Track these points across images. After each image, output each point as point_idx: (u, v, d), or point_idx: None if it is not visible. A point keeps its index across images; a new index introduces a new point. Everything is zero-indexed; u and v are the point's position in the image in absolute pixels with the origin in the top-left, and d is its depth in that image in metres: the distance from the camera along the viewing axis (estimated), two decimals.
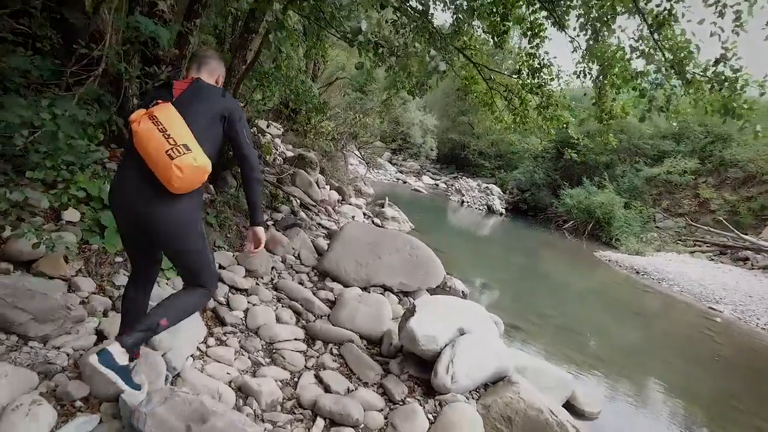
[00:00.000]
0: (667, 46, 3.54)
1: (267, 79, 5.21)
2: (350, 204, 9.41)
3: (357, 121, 12.26)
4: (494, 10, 5.38)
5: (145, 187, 1.77)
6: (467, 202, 19.80)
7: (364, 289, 4.72)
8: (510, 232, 16.61)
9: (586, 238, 17.24)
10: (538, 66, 5.77)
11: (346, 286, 4.64)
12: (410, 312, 3.30)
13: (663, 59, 3.51)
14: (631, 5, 3.72)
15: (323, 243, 5.61)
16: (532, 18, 5.43)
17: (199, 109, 1.87)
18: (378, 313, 3.84)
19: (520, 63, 5.94)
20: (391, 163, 25.00)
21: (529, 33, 5.58)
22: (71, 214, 3.27)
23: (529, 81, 5.90)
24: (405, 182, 21.95)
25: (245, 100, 5.71)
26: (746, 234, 15.77)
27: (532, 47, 5.67)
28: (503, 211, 19.89)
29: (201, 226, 1.98)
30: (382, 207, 10.11)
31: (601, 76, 4.87)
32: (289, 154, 9.00)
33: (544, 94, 5.89)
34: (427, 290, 5.06)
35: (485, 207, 19.67)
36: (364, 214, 9.59)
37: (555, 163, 21.48)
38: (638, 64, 6.99)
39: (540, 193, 21.08)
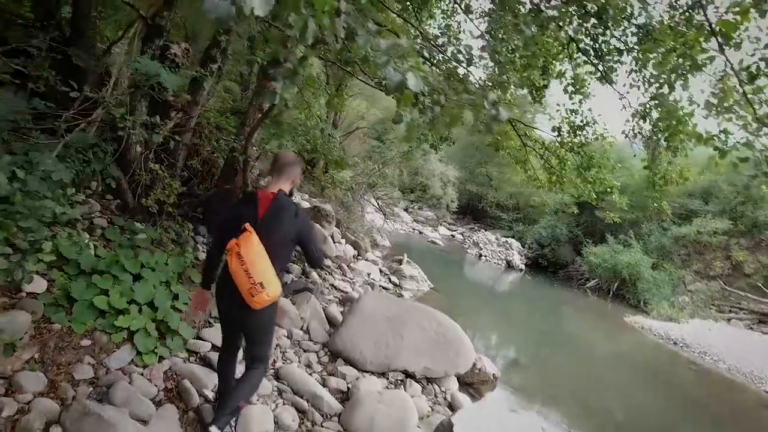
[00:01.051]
0: (758, 99, 3.00)
1: (283, 128, 4.79)
2: (366, 260, 8.78)
3: (376, 171, 11.87)
4: (531, 63, 4.94)
5: (237, 297, 2.24)
6: (485, 255, 19.02)
7: (383, 374, 4.00)
8: (532, 290, 15.71)
9: (611, 299, 16.23)
10: (580, 124, 5.27)
11: (361, 370, 3.94)
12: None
13: (754, 114, 2.97)
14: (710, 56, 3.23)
15: (336, 312, 4.95)
16: (574, 72, 4.99)
17: (278, 236, 2.31)
18: (402, 417, 3.13)
19: (560, 120, 5.46)
20: (406, 211, 24.53)
21: (570, 88, 5.12)
22: (36, 284, 2.70)
23: (569, 139, 5.39)
24: (421, 233, 21.34)
25: (259, 150, 5.26)
26: None
27: (573, 103, 5.21)
28: (523, 266, 19.03)
29: (272, 326, 2.65)
30: (400, 264, 9.45)
31: (659, 136, 4.31)
32: (305, 205, 8.50)
33: (586, 154, 5.35)
34: (455, 376, 4.31)
35: (504, 262, 18.84)
36: (381, 271, 8.93)
37: (577, 218, 20.75)
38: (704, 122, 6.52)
39: (560, 249, 20.25)
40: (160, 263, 3.63)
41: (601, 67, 4.80)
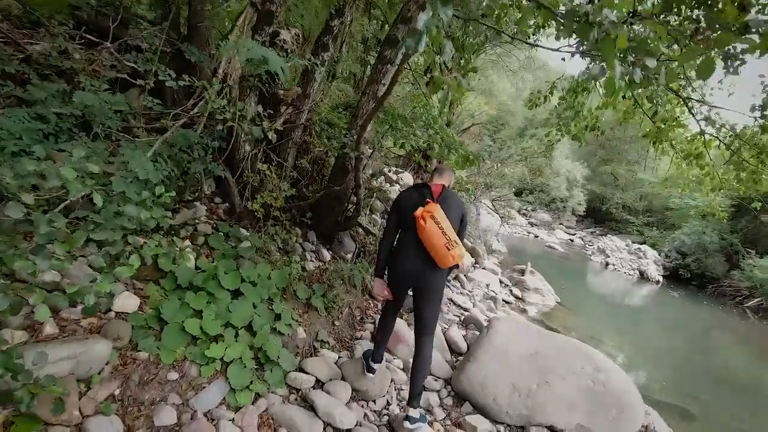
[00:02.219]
0: None
1: (397, 121, 4.13)
2: (484, 268, 7.85)
3: (494, 170, 10.83)
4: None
5: (425, 262, 2.65)
6: (613, 264, 16.74)
7: (522, 429, 3.13)
8: (676, 308, 13.28)
9: None
10: None
11: (494, 421, 3.11)
12: None
13: None
14: None
15: (458, 336, 4.17)
16: None
17: (452, 211, 2.73)
18: None
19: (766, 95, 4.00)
20: (519, 213, 22.78)
21: None
22: (126, 301, 2.34)
23: None
24: (536, 236, 19.60)
25: (374, 146, 4.67)
26: None
27: None
28: (660, 278, 16.38)
29: (443, 293, 2.90)
30: (522, 274, 8.34)
31: None
32: None
33: None
34: None
35: (636, 272, 16.40)
36: (501, 281, 7.93)
37: (733, 224, 17.34)
38: None
39: (708, 260, 17.06)
40: (263, 276, 3.18)
41: None
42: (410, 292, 2.89)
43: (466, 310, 5.31)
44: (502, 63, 14.16)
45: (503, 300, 7.02)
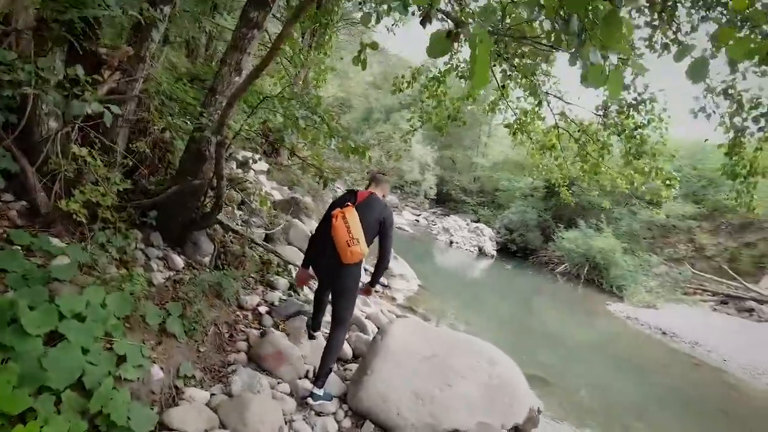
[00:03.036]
0: None
1: (277, 103, 3.45)
2: None
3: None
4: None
5: (333, 258, 2.92)
6: (456, 242, 18.30)
7: None
8: (509, 278, 15.12)
9: (583, 284, 16.02)
10: (633, 102, 4.30)
11: None
12: None
13: None
14: None
15: (345, 344, 3.78)
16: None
17: (369, 217, 3.00)
18: None
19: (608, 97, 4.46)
20: None
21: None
22: None
23: (621, 119, 4.41)
24: None
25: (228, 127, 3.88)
26: (741, 282, 14.92)
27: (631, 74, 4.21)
28: (494, 253, 18.48)
29: (356, 290, 3.14)
30: None
31: (744, 116, 3.43)
32: (278, 196, 7.14)
33: (639, 139, 4.40)
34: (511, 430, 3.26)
35: (476, 248, 18.20)
36: (365, 270, 7.76)
37: (546, 202, 20.44)
38: None
39: (529, 234, 19.89)
40: (94, 305, 2.29)
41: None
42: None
43: None
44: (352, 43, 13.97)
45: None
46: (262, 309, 3.81)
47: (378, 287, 7.25)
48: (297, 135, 4.35)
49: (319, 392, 2.93)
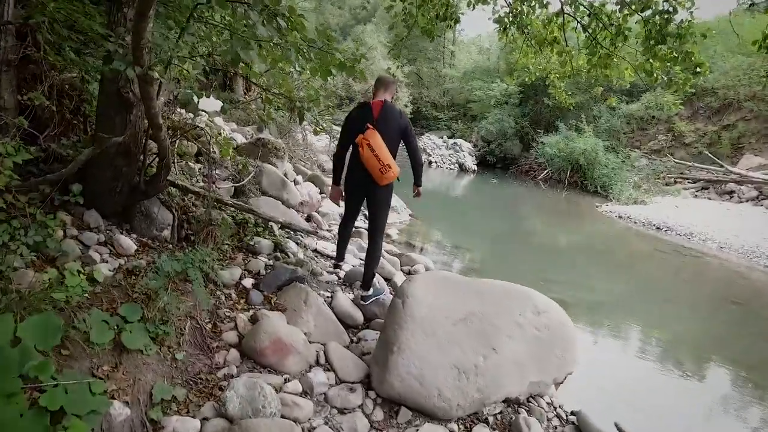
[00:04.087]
0: None
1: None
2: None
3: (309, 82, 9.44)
4: None
5: (368, 178, 3.12)
6: (435, 162, 17.62)
7: (475, 414, 2.39)
8: (495, 192, 14.69)
9: (567, 188, 15.83)
10: None
11: (445, 421, 2.29)
12: None
13: None
14: None
15: (346, 303, 3.19)
16: None
17: (390, 130, 3.10)
18: None
19: None
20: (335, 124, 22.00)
21: None
22: None
23: None
24: None
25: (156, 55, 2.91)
26: (722, 165, 14.95)
27: None
28: (475, 167, 17.95)
29: (389, 201, 3.39)
30: None
31: None
32: (240, 139, 6.14)
33: (661, 20, 3.59)
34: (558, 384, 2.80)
35: (456, 165, 17.60)
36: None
37: (522, 108, 19.65)
38: None
39: (507, 143, 19.34)
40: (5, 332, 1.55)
41: None
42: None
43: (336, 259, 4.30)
44: None
45: (364, 230, 6.23)
46: (247, 282, 3.12)
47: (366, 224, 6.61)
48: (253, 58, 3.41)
49: (369, 293, 3.38)
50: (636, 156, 16.61)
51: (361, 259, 4.34)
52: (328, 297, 3.33)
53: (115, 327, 2.08)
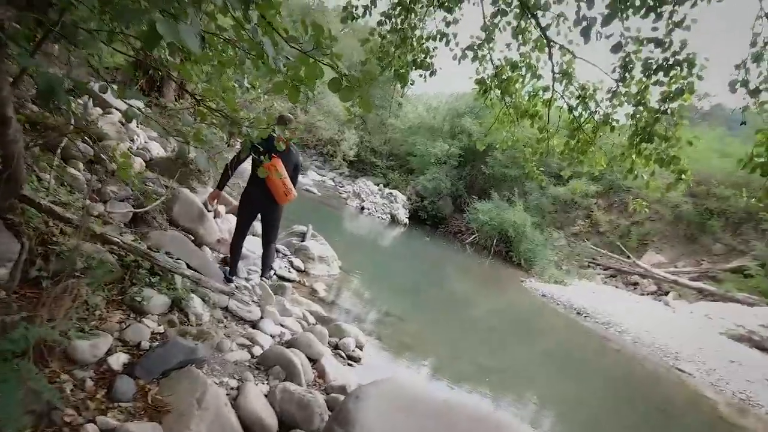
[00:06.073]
0: None
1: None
2: (254, 234, 5.88)
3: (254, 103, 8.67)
4: None
5: (269, 198, 3.81)
6: (368, 209, 17.11)
7: None
8: (426, 250, 14.39)
9: (492, 256, 16.00)
10: (666, 63, 3.21)
11: None
12: None
13: None
14: None
15: (259, 408, 2.29)
16: None
17: (290, 163, 3.85)
18: None
19: (625, 54, 3.26)
20: None
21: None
22: None
23: (642, 86, 3.32)
24: None
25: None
26: (629, 257, 16.12)
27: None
28: (407, 221, 17.69)
29: (281, 219, 4.17)
30: (303, 239, 6.76)
31: None
32: (156, 151, 5.08)
33: (651, 117, 3.38)
34: None
35: (388, 216, 17.21)
36: (277, 251, 6.17)
37: (459, 171, 20.04)
38: None
39: (440, 202, 19.48)
40: None
41: None
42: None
43: (252, 324, 3.38)
44: None
45: (283, 279, 5.37)
46: (116, 361, 2.14)
47: (296, 276, 5.72)
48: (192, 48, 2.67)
49: (269, 273, 4.39)
50: (557, 236, 17.38)
51: (280, 334, 3.47)
52: (233, 389, 2.42)
53: None
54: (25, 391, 1.59)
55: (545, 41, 3.40)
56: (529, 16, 3.30)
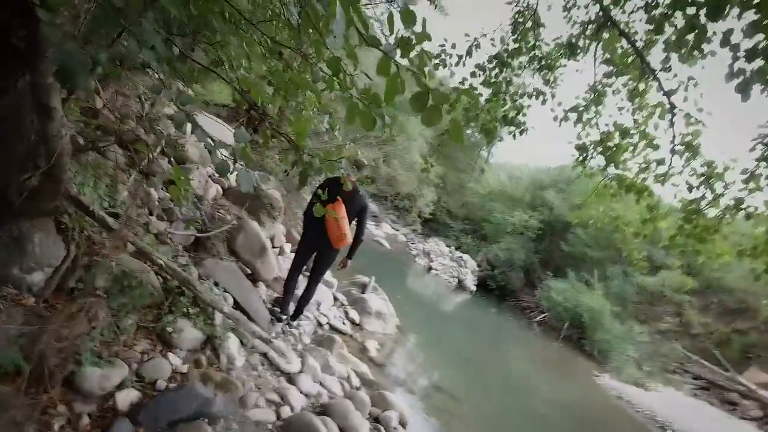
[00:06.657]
0: None
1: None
2: None
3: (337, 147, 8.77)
4: None
5: (325, 238, 3.74)
6: (436, 270, 16.56)
7: None
8: (491, 322, 13.45)
9: (561, 340, 14.49)
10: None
11: None
12: None
13: None
14: None
15: None
16: None
17: (353, 206, 3.80)
18: None
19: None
20: None
21: None
22: None
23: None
24: None
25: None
26: (727, 370, 13.72)
27: None
28: (474, 288, 16.84)
29: (333, 263, 4.11)
30: (363, 291, 6.43)
31: None
32: (235, 180, 5.19)
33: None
34: None
35: (456, 280, 16.51)
36: (335, 297, 5.89)
37: (536, 244, 18.96)
38: None
39: (511, 274, 18.38)
40: None
41: None
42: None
43: (288, 378, 3.02)
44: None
45: (334, 328, 5.02)
46: (124, 399, 1.87)
47: (349, 328, 5.35)
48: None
49: (295, 323, 4.14)
50: (639, 331, 15.47)
51: (317, 394, 3.07)
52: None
53: None
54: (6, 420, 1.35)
55: (668, 107, 2.93)
56: (651, 78, 2.88)
